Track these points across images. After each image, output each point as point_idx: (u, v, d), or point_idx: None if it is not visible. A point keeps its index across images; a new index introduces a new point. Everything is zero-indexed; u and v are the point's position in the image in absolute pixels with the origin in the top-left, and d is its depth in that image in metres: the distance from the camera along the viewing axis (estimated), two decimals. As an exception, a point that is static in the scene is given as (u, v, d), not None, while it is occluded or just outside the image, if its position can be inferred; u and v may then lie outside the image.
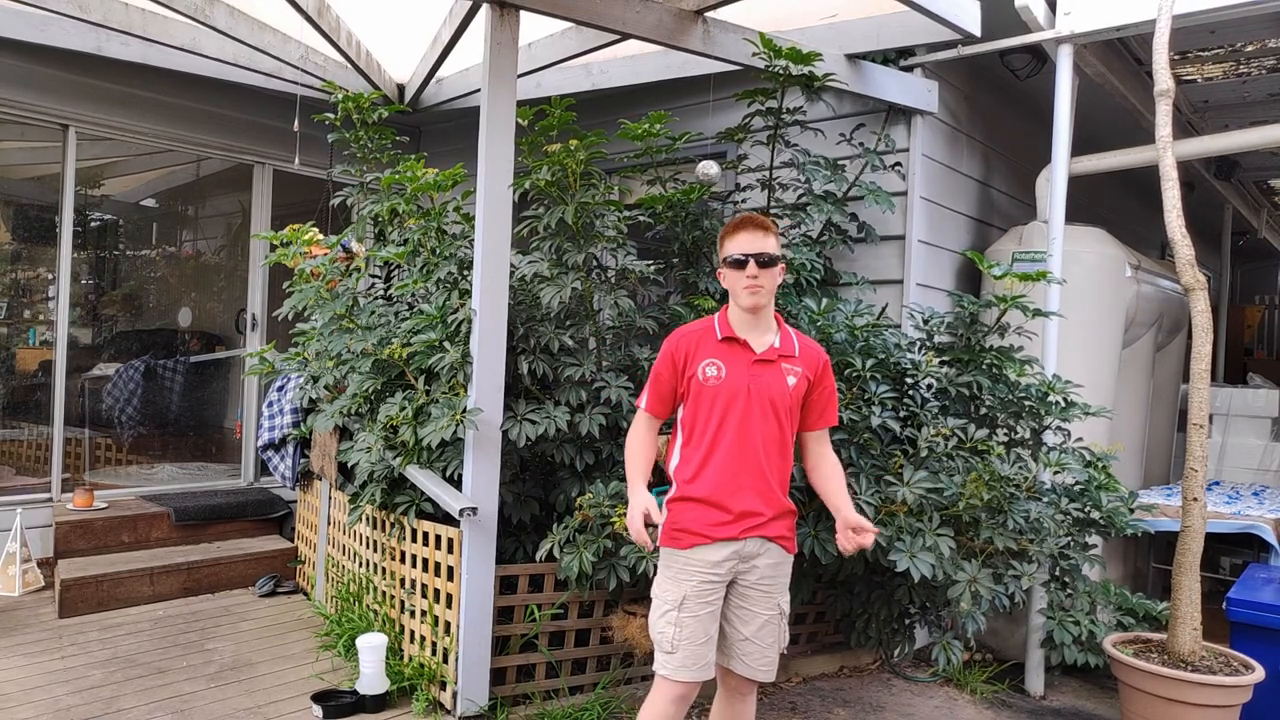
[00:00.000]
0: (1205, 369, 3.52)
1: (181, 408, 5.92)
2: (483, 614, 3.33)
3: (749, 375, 2.46)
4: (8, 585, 4.63)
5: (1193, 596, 3.48)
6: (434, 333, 3.50)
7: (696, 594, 2.42)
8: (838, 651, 4.22)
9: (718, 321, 2.53)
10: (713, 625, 2.45)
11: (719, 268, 2.53)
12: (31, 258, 5.29)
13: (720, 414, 2.45)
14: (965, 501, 3.23)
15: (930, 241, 4.60)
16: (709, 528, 2.43)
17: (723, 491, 2.43)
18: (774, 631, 2.51)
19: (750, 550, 2.46)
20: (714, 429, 2.45)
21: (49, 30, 4.62)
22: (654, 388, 2.56)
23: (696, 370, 2.47)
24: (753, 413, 2.44)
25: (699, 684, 2.44)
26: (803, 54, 3.79)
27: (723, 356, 2.47)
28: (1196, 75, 4.89)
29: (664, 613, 2.45)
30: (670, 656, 2.42)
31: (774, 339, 2.51)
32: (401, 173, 3.85)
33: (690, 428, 2.51)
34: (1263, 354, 10.79)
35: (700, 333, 2.52)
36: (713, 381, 2.45)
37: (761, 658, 2.50)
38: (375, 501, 3.77)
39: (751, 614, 2.48)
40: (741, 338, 2.48)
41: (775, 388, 2.47)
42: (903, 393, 3.62)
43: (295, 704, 3.46)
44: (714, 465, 2.44)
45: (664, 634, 2.44)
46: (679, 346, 2.51)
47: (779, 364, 2.49)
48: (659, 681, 2.45)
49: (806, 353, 2.55)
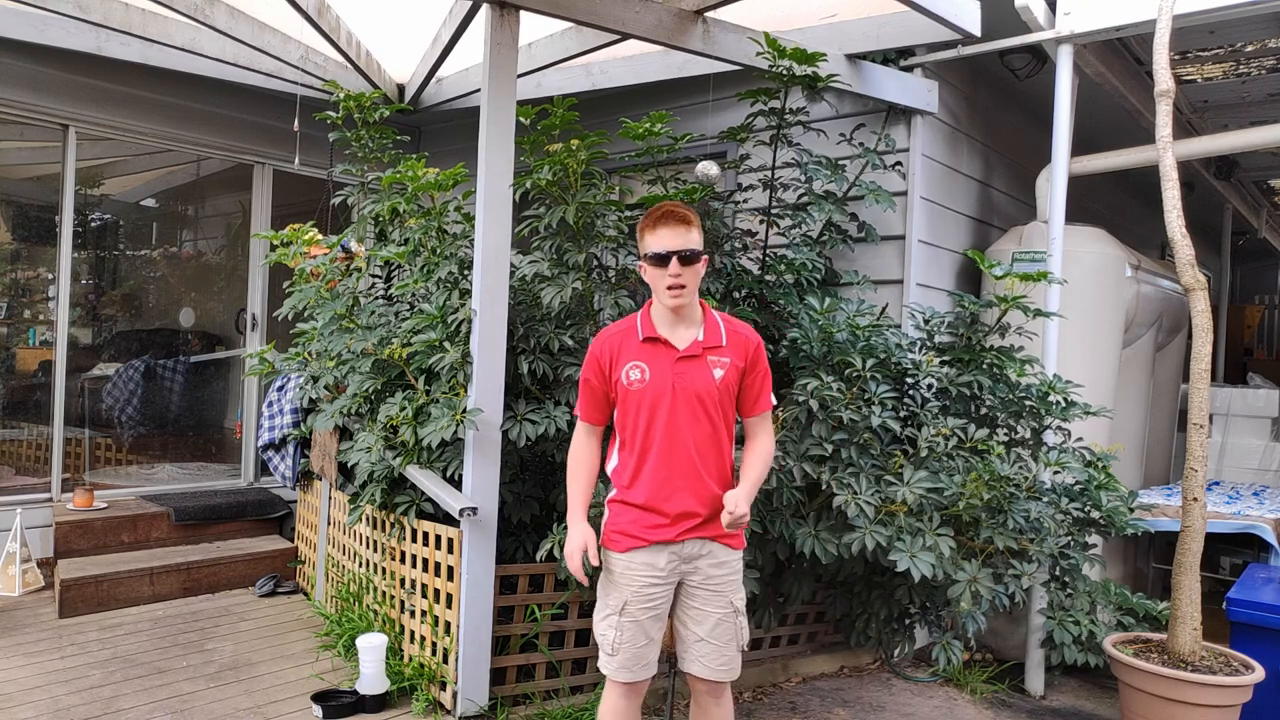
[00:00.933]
0: (1205, 369, 3.52)
1: (181, 408, 5.92)
2: (483, 614, 3.33)
3: (673, 374, 2.40)
4: (8, 585, 4.62)
5: (1193, 596, 3.48)
6: (434, 332, 3.50)
7: (637, 598, 2.40)
8: (837, 651, 4.22)
9: (640, 320, 2.47)
10: (655, 627, 2.44)
11: (640, 261, 2.44)
12: (31, 257, 5.29)
13: (647, 417, 2.41)
14: (965, 501, 3.22)
15: (930, 241, 4.60)
16: (645, 530, 2.40)
17: (657, 495, 2.40)
18: (729, 629, 2.46)
19: (690, 551, 2.43)
20: (643, 433, 2.42)
21: (49, 30, 4.61)
22: (586, 395, 2.51)
23: (620, 374, 2.43)
24: (679, 413, 2.40)
25: (645, 681, 2.46)
26: (807, 54, 3.78)
27: (646, 358, 2.42)
28: (1196, 75, 4.89)
29: (605, 616, 2.44)
30: (612, 659, 2.42)
31: (698, 332, 2.44)
32: (403, 172, 3.85)
33: (621, 431, 2.48)
34: (1263, 354, 10.80)
35: (623, 334, 2.47)
36: (636, 385, 2.41)
37: (719, 657, 2.46)
38: (375, 501, 3.77)
39: (703, 614, 2.45)
40: (663, 336, 2.42)
41: (701, 384, 2.40)
42: (903, 392, 3.62)
43: (295, 704, 3.45)
44: (647, 469, 2.41)
45: (605, 636, 2.43)
46: (603, 350, 2.46)
47: (704, 358, 2.43)
48: (608, 681, 2.47)
49: (735, 339, 2.48)
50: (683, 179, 4.24)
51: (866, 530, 3.14)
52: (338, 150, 4.94)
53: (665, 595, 2.44)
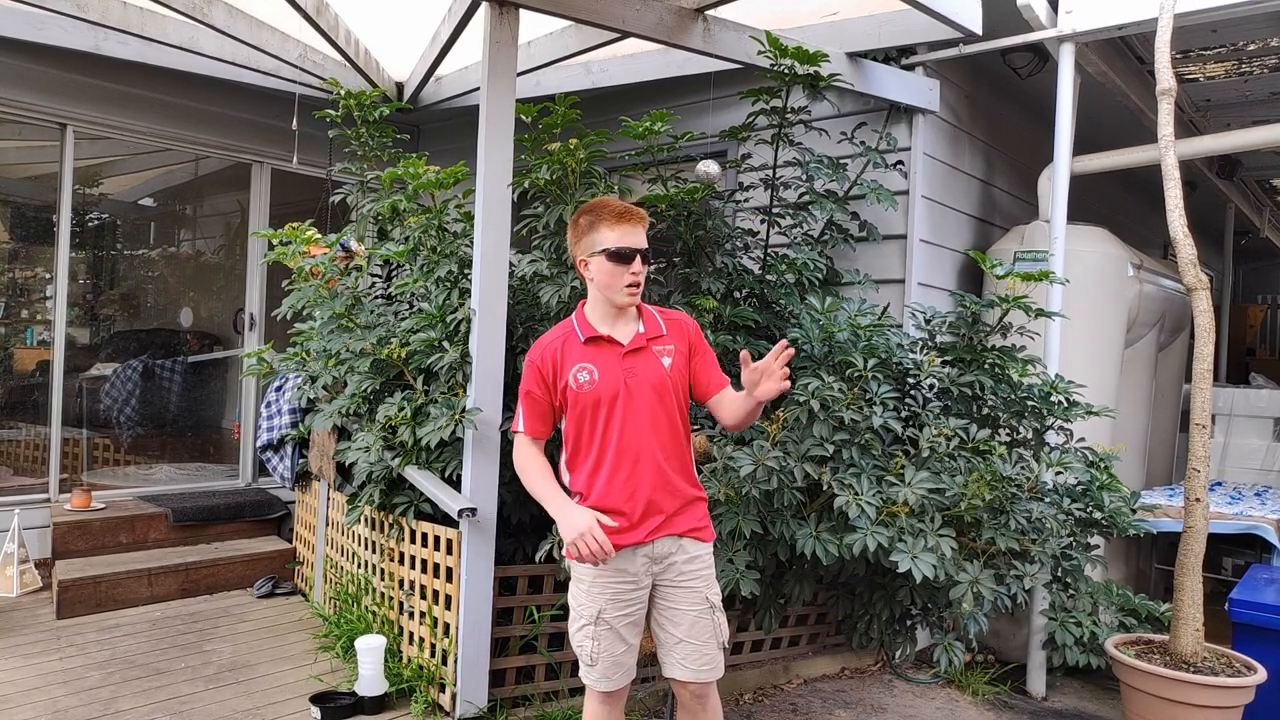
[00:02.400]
0: (1208, 369, 3.50)
1: (179, 408, 5.91)
2: (482, 615, 3.32)
3: (623, 370, 2.35)
4: (5, 586, 4.61)
5: (1195, 597, 3.46)
6: (433, 332, 3.49)
7: (612, 605, 2.36)
8: (839, 653, 4.21)
9: (577, 322, 2.42)
10: (632, 633, 2.40)
11: (581, 257, 2.38)
12: (29, 257, 5.28)
13: (604, 418, 2.34)
14: (967, 502, 3.21)
15: (932, 241, 4.58)
16: (613, 536, 2.31)
17: (620, 496, 2.33)
18: (708, 627, 2.41)
19: (662, 550, 2.38)
20: (600, 435, 2.35)
21: (47, 29, 4.60)
22: (529, 408, 2.42)
23: (568, 378, 2.36)
24: (636, 408, 2.34)
25: (625, 687, 2.43)
26: (809, 54, 3.77)
27: (592, 358, 2.36)
28: (1198, 74, 4.88)
29: (581, 627, 2.39)
30: (591, 669, 2.39)
31: (638, 325, 2.41)
32: (403, 170, 3.84)
33: (575, 438, 2.40)
34: (1265, 354, 10.79)
35: (562, 339, 2.40)
36: (587, 387, 2.35)
37: (700, 657, 2.41)
38: (374, 502, 3.75)
39: (680, 613, 2.40)
40: (606, 334, 2.38)
41: (653, 375, 2.37)
42: (904, 393, 3.60)
43: (294, 705, 3.44)
44: (606, 471, 2.35)
45: (583, 647, 2.39)
46: (544, 358, 2.39)
47: (649, 349, 2.39)
48: (588, 688, 2.44)
49: (674, 326, 2.45)
50: (683, 178, 4.22)
51: (868, 531, 3.12)
52: (337, 149, 4.92)
53: (641, 600, 2.40)
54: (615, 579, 2.36)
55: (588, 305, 2.44)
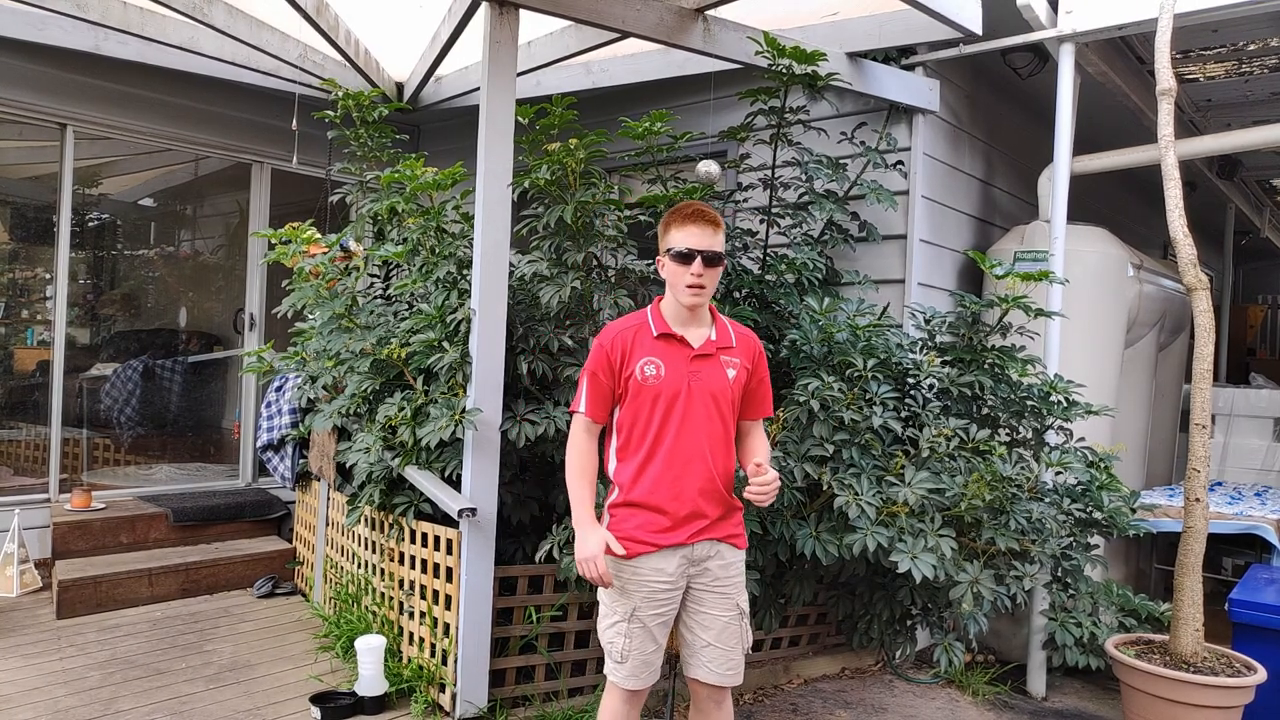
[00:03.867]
0: (1208, 369, 3.50)
1: (180, 408, 5.91)
2: (482, 615, 3.32)
3: (689, 372, 2.36)
4: (5, 586, 4.61)
5: (1195, 597, 3.46)
6: (433, 332, 3.49)
7: (646, 603, 2.36)
8: (839, 653, 4.21)
9: (652, 316, 2.42)
10: (662, 634, 2.41)
11: (659, 257, 2.41)
12: (29, 257, 5.28)
13: (661, 414, 2.35)
14: (967, 502, 3.21)
15: (932, 241, 4.58)
16: (655, 535, 2.35)
17: (667, 495, 2.35)
18: (735, 633, 2.44)
19: (700, 554, 2.39)
20: (655, 430, 2.36)
21: (47, 29, 4.60)
22: (592, 390, 2.41)
23: (635, 369, 2.36)
24: (694, 411, 2.36)
25: (648, 688, 2.43)
26: (807, 53, 3.77)
27: (660, 354, 2.37)
28: (1198, 74, 4.87)
29: (614, 623, 2.39)
30: (620, 666, 2.38)
31: (710, 331, 2.42)
32: (401, 171, 3.84)
33: (629, 429, 2.40)
34: (1265, 354, 10.78)
35: (635, 328, 2.41)
36: (652, 381, 2.35)
37: (725, 662, 2.43)
38: (374, 502, 3.76)
39: (710, 617, 2.42)
40: (678, 333, 2.39)
41: (716, 383, 2.38)
42: (904, 393, 3.60)
43: (294, 705, 3.44)
44: (656, 468, 2.36)
45: (614, 644, 2.39)
46: (614, 345, 2.38)
47: (718, 357, 2.40)
48: (610, 684, 2.43)
49: (743, 342, 2.47)
50: (683, 178, 4.22)
51: (868, 531, 3.12)
52: (336, 149, 4.92)
53: (675, 601, 2.41)
54: (652, 578, 2.36)
55: (663, 302, 2.45)
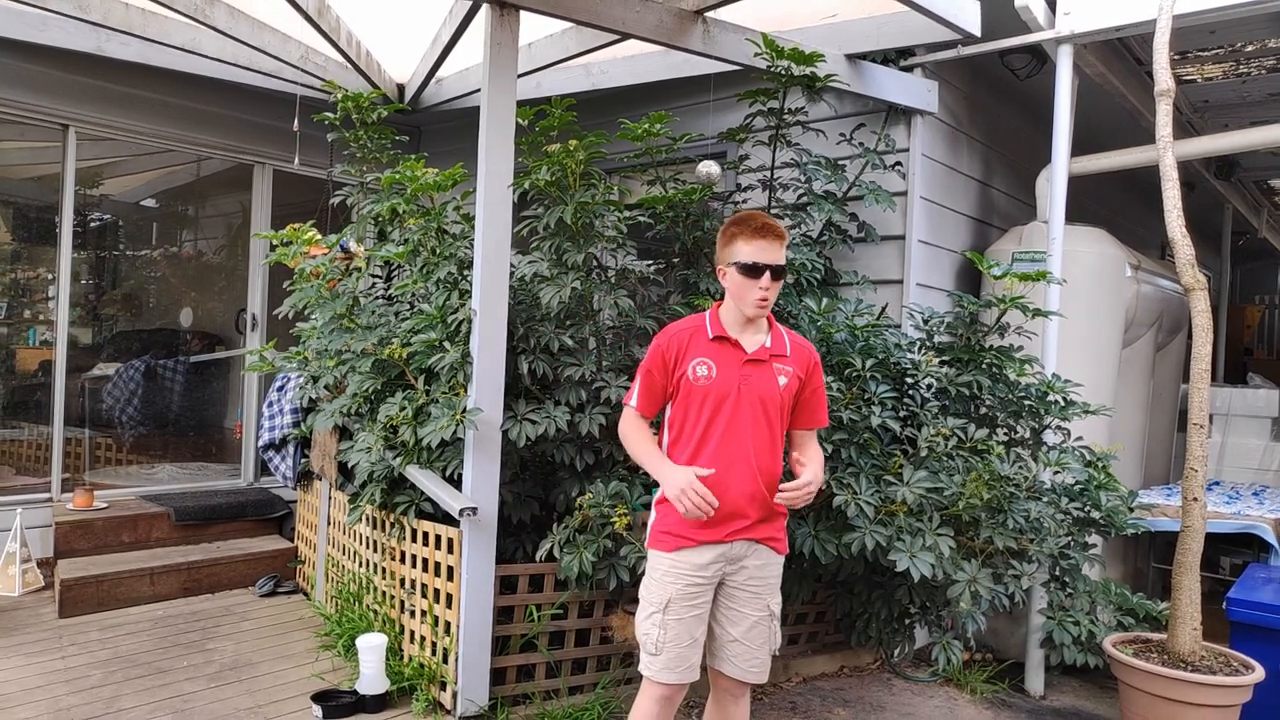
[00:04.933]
0: (1205, 369, 3.52)
1: (182, 408, 5.92)
2: (483, 614, 3.33)
3: (740, 375, 2.41)
4: (8, 585, 4.62)
5: (1193, 596, 3.48)
6: (434, 332, 3.50)
7: (682, 596, 2.39)
8: (838, 651, 4.22)
9: (709, 319, 2.48)
10: (698, 628, 2.43)
11: (721, 265, 2.46)
12: (31, 257, 5.29)
13: (709, 414, 2.41)
14: (965, 501, 3.22)
15: (930, 241, 4.60)
16: (694, 530, 2.39)
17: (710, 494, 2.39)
18: (764, 633, 2.48)
19: (737, 553, 2.43)
20: (702, 429, 2.41)
21: (49, 30, 4.61)
22: (645, 386, 2.50)
23: (687, 369, 2.42)
24: (742, 414, 2.41)
25: (685, 685, 2.43)
26: (805, 55, 3.78)
27: (714, 356, 2.43)
28: (1196, 75, 4.89)
29: (649, 614, 2.43)
30: (654, 658, 2.40)
31: (765, 338, 2.47)
32: (402, 172, 3.85)
33: (679, 427, 2.47)
34: (1262, 354, 10.79)
35: (691, 330, 2.47)
36: (703, 381, 2.41)
37: (751, 659, 2.47)
38: (375, 501, 3.77)
39: (740, 615, 2.46)
40: (733, 337, 2.44)
41: (766, 388, 2.43)
42: (903, 392, 3.61)
43: (295, 704, 3.46)
44: (700, 466, 2.39)
45: (649, 635, 2.42)
46: (670, 344, 2.46)
47: (770, 364, 2.45)
48: (645, 682, 2.45)
49: (798, 352, 2.52)
50: (682, 179, 4.24)
51: (866, 530, 3.14)
52: (337, 150, 4.94)
53: (708, 596, 2.44)
54: (688, 571, 2.40)
55: (722, 308, 2.49)
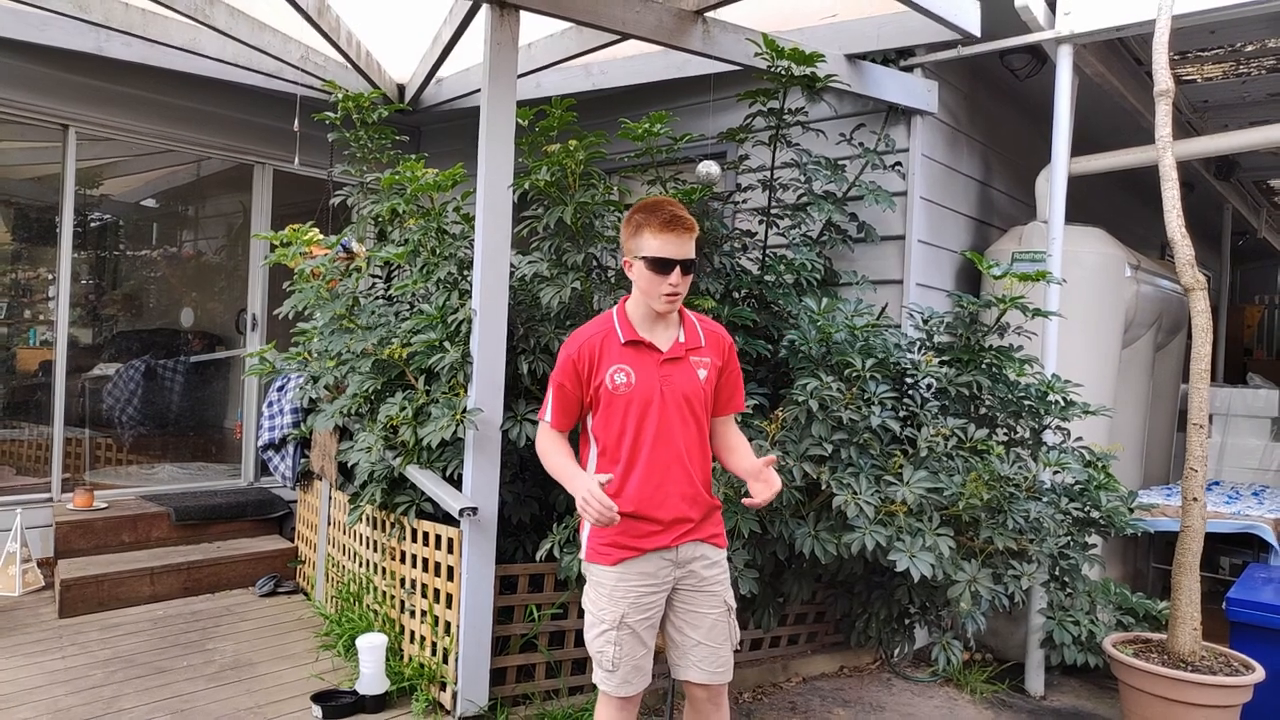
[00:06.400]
0: (1205, 369, 3.52)
1: (182, 408, 5.92)
2: (483, 614, 3.33)
3: (660, 377, 2.33)
4: (8, 585, 4.62)
5: (1192, 596, 3.48)
6: (434, 333, 3.50)
7: (635, 608, 2.34)
8: (837, 651, 4.22)
9: (618, 321, 2.37)
10: (651, 636, 2.40)
11: (627, 257, 2.34)
12: (32, 258, 5.29)
13: (636, 422, 2.32)
14: (965, 501, 3.23)
15: (930, 241, 4.60)
16: (637, 539, 2.33)
17: (650, 503, 2.33)
18: (724, 630, 2.44)
19: (685, 555, 2.39)
20: (631, 439, 2.33)
21: (49, 30, 4.62)
22: (558, 401, 2.38)
23: (604, 378, 2.32)
24: (669, 416, 2.33)
25: (641, 693, 2.41)
26: (805, 55, 3.78)
27: (630, 361, 2.34)
28: (1196, 75, 4.89)
29: (601, 632, 2.35)
30: (611, 675, 2.35)
31: (678, 332, 2.39)
32: (401, 173, 3.85)
33: (604, 438, 2.37)
34: (1262, 354, 10.78)
35: (602, 335, 2.36)
36: (623, 389, 2.32)
37: (715, 659, 2.43)
38: (375, 501, 3.77)
39: (699, 615, 2.42)
40: (647, 339, 2.35)
41: (688, 385, 2.36)
42: (902, 392, 3.62)
43: (295, 704, 3.46)
44: (637, 476, 2.33)
45: (603, 653, 2.35)
46: (581, 353, 2.34)
47: (687, 359, 2.38)
48: (602, 695, 2.41)
49: (711, 339, 2.44)
50: (682, 179, 4.24)
51: (866, 530, 3.14)
52: (337, 150, 4.94)
53: (660, 603, 2.40)
54: (639, 582, 2.35)
55: (630, 303, 2.40)
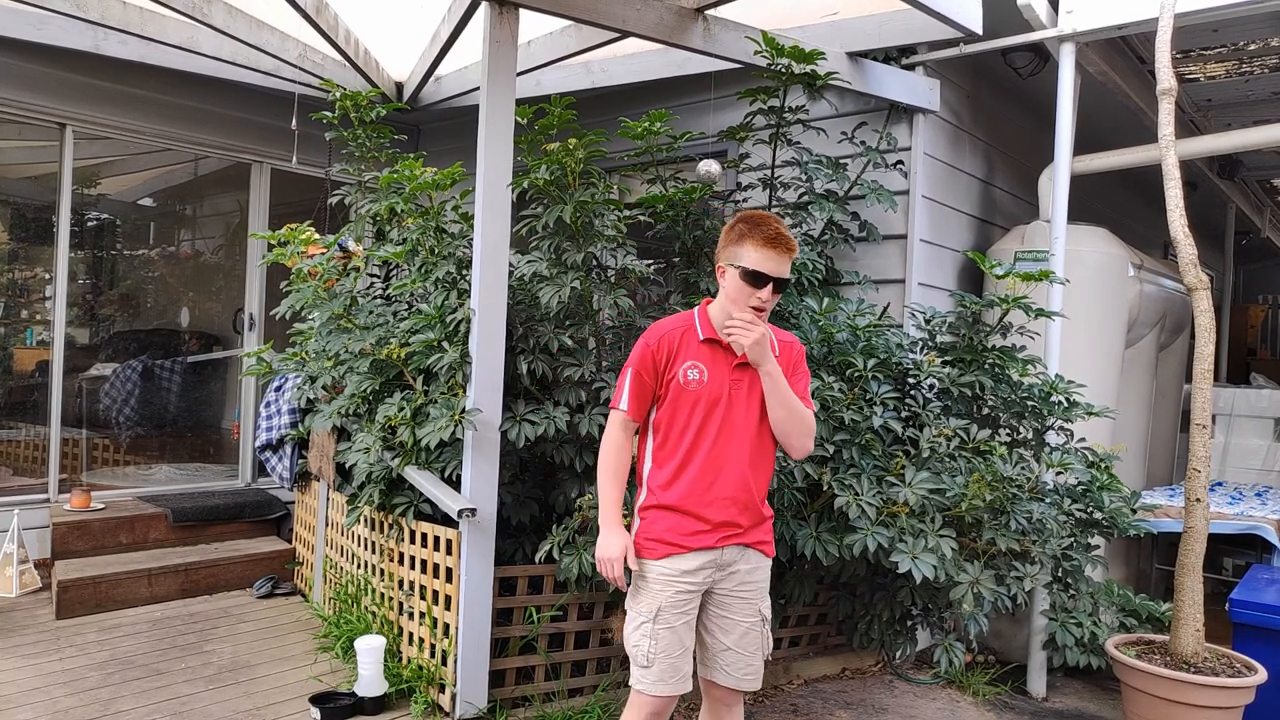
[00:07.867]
0: (1208, 369, 3.50)
1: (179, 408, 5.90)
2: (481, 616, 3.31)
3: (730, 379, 2.36)
4: (5, 586, 4.60)
5: (1195, 597, 3.46)
6: (432, 333, 3.48)
7: (672, 605, 2.34)
8: (840, 653, 4.21)
9: (699, 319, 2.40)
10: (689, 636, 2.38)
11: (721, 262, 2.37)
12: (28, 257, 5.27)
13: (700, 419, 2.34)
14: (967, 502, 3.21)
15: (932, 240, 4.58)
16: (684, 537, 2.34)
17: (700, 501, 2.34)
18: (756, 639, 2.44)
19: (728, 558, 2.38)
20: (693, 435, 2.35)
21: (46, 29, 4.59)
22: (635, 389, 2.39)
23: (678, 372, 2.35)
24: (733, 419, 2.35)
25: (676, 698, 2.38)
26: (805, 53, 3.76)
27: (704, 359, 2.36)
28: (1199, 74, 4.87)
29: (638, 625, 2.36)
30: (646, 671, 2.34)
31: None
32: (400, 172, 3.83)
33: (666, 431, 2.39)
34: (1266, 354, 10.78)
35: (682, 330, 2.39)
36: (694, 385, 2.34)
37: (745, 667, 2.42)
38: (373, 502, 3.75)
39: (732, 622, 2.41)
40: (724, 340, 2.37)
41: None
42: (905, 393, 3.60)
43: (293, 706, 3.44)
44: (691, 473, 2.34)
45: (639, 647, 2.35)
46: (660, 344, 2.37)
47: None
48: (635, 696, 2.37)
49: (785, 350, 2.45)
50: (682, 178, 4.22)
51: (868, 531, 3.12)
52: (335, 149, 4.92)
53: (697, 602, 2.39)
54: (677, 578, 2.35)
55: (713, 306, 2.41)
